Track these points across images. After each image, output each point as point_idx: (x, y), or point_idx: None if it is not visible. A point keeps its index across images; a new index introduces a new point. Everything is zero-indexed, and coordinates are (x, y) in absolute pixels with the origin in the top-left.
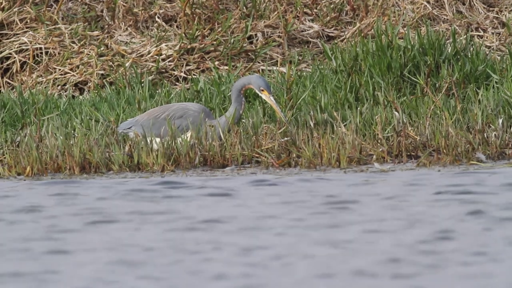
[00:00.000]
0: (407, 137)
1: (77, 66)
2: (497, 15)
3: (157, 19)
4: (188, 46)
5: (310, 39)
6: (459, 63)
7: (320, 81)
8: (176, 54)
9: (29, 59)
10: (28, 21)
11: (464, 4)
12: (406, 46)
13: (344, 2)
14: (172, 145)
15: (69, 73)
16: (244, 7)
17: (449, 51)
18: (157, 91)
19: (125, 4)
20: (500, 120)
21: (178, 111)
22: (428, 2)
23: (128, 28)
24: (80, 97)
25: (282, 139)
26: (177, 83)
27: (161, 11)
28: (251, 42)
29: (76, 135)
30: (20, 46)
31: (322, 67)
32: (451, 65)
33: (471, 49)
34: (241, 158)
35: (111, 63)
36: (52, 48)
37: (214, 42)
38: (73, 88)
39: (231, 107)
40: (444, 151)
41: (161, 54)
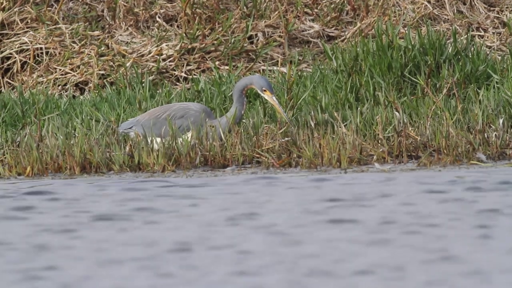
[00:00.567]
0: (408, 137)
1: (78, 66)
2: (498, 15)
3: (158, 19)
4: (189, 46)
5: (311, 39)
6: (460, 63)
7: (321, 81)
8: (177, 54)
9: (30, 59)
10: (29, 21)
11: (465, 4)
12: (407, 46)
13: (345, 2)
14: (173, 145)
15: (70, 73)
16: (245, 7)
17: (450, 51)
18: (158, 91)
19: (126, 4)
20: (501, 120)
21: (179, 111)
22: (429, 2)
23: (129, 28)
24: (81, 97)
25: (283, 139)
26: (178, 83)
27: (162, 11)
28: (252, 42)
29: (77, 135)
30: (21, 46)
31: (323, 67)
32: (452, 65)
33: (472, 49)
34: (242, 158)
35: (112, 63)
36: (53, 48)
37: (215, 42)
38: (74, 88)
39: (232, 107)
40: (445, 151)
41: (162, 54)
